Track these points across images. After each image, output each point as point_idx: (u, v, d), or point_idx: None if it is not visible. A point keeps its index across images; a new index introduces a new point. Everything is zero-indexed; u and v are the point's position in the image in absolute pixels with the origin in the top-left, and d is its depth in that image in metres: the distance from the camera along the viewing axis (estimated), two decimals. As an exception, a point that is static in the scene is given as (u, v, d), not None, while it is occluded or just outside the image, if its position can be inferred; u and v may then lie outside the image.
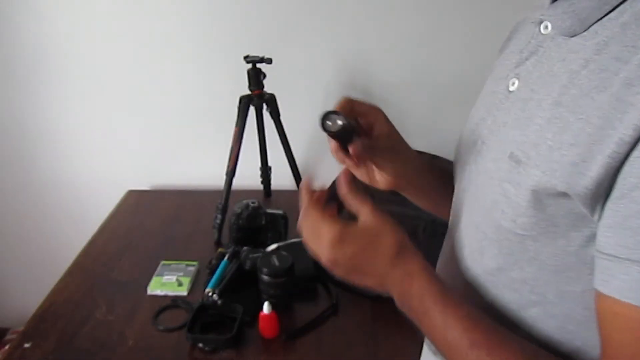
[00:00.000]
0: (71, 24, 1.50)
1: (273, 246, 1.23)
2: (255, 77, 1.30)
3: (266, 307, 1.03)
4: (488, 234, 0.55)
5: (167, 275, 1.23)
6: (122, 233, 1.43)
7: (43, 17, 1.49)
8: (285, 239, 1.31)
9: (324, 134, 0.61)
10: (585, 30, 0.49)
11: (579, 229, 0.48)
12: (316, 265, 0.63)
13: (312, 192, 0.61)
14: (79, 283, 1.23)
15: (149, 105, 1.60)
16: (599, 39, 0.47)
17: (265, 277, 1.08)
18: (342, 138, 0.61)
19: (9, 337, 1.89)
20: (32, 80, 1.57)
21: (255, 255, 1.16)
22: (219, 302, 1.08)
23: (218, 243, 1.37)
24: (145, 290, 1.19)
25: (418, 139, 0.91)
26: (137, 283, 1.22)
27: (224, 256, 1.21)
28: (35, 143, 1.67)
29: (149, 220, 1.49)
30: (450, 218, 0.68)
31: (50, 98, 1.60)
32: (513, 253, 0.53)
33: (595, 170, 0.44)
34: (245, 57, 1.28)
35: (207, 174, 1.64)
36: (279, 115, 1.34)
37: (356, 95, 0.67)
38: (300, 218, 0.60)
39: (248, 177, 1.50)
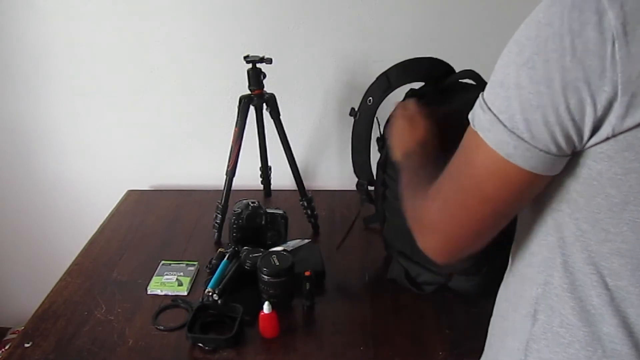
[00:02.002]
0: (70, 24, 1.50)
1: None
2: (255, 77, 1.30)
3: (266, 307, 1.03)
4: None
5: (167, 275, 1.23)
6: (122, 233, 1.43)
7: (43, 17, 1.49)
8: (286, 239, 1.31)
9: (324, 134, 0.65)
10: None
11: None
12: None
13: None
14: (79, 283, 1.23)
15: (148, 105, 1.60)
16: None
17: (265, 277, 1.08)
18: None
19: (9, 337, 1.89)
20: (31, 80, 1.57)
21: (255, 255, 1.16)
22: (219, 302, 1.08)
23: (218, 243, 1.37)
24: (145, 290, 1.19)
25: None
26: (137, 283, 1.22)
27: (224, 256, 1.21)
28: (35, 143, 1.67)
29: (149, 220, 1.49)
30: None
31: (49, 98, 1.60)
32: None
33: None
34: (245, 57, 1.28)
35: (207, 174, 1.64)
36: (279, 115, 1.34)
37: (356, 95, 0.68)
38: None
39: (248, 177, 1.50)
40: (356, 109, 1.14)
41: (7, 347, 1.42)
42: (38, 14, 1.48)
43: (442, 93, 1.08)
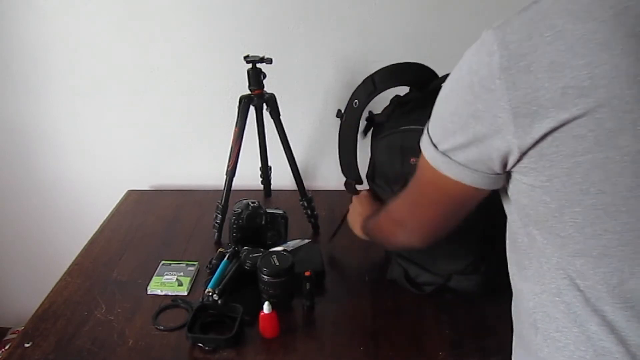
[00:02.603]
0: (71, 24, 1.50)
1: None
2: (255, 77, 1.30)
3: (266, 307, 1.03)
4: None
5: (167, 275, 1.23)
6: (122, 233, 1.43)
7: (43, 17, 1.49)
8: (286, 239, 1.31)
9: (324, 134, 0.70)
10: None
11: None
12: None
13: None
14: (79, 283, 1.23)
15: (148, 105, 1.60)
16: None
17: (265, 277, 1.08)
18: None
19: (9, 337, 1.89)
20: (31, 80, 1.57)
21: (255, 255, 1.16)
22: (219, 302, 1.08)
23: (218, 243, 1.37)
24: (145, 290, 1.19)
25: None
26: (137, 283, 1.22)
27: (224, 256, 1.21)
28: (35, 143, 1.67)
29: (149, 220, 1.49)
30: None
31: (49, 98, 1.60)
32: None
33: None
34: (245, 57, 1.28)
35: (207, 174, 1.64)
36: (279, 115, 1.34)
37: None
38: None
39: (248, 177, 1.50)
40: (342, 111, 1.15)
41: (7, 347, 1.42)
42: (38, 14, 1.48)
43: (427, 98, 1.08)
